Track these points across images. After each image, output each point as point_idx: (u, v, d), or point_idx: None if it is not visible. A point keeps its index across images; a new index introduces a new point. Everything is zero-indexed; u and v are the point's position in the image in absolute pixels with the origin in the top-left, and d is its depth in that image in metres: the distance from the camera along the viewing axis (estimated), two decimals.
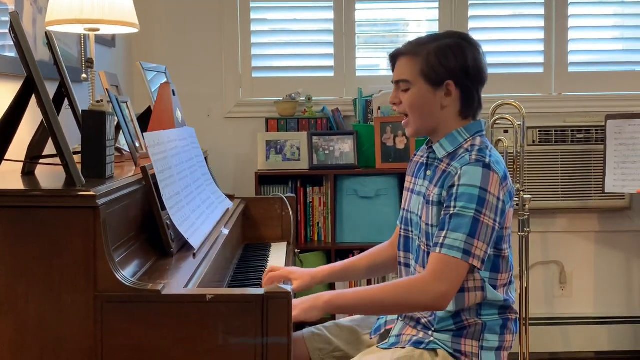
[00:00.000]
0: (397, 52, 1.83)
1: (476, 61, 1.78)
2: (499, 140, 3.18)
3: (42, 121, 1.68)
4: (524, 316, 3.11)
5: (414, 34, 3.65)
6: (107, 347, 1.41)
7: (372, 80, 3.57)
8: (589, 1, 3.66)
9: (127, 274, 1.46)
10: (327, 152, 3.40)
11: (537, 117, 3.46)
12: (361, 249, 2.11)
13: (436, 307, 1.69)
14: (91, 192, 1.40)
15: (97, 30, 2.24)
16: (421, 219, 1.80)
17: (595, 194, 3.44)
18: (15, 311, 1.40)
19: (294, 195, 3.01)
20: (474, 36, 1.86)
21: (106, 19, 2.13)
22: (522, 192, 3.08)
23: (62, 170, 1.51)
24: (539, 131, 3.44)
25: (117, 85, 2.47)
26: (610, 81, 3.63)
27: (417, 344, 1.76)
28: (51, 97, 1.57)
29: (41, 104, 1.52)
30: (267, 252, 2.49)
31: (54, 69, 1.77)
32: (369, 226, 3.34)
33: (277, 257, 2.43)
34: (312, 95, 3.51)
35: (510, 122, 3.12)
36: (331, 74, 3.64)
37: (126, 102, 2.33)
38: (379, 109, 3.40)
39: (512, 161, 3.19)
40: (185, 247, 1.81)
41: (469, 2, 3.59)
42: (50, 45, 1.78)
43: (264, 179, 3.38)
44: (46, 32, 1.84)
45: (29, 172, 1.77)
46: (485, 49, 1.85)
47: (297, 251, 2.80)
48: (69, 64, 2.48)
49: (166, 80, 2.73)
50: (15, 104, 1.62)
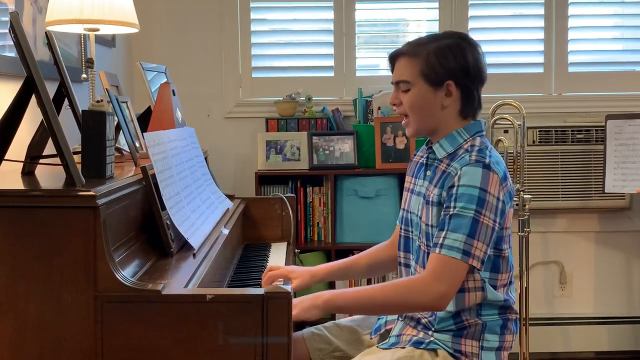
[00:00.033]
0: (397, 53, 1.83)
1: (476, 61, 1.78)
2: (499, 140, 3.17)
3: (42, 121, 1.68)
4: (524, 316, 3.11)
5: (414, 34, 3.65)
6: (107, 347, 1.41)
7: (372, 80, 3.57)
8: (589, 1, 3.66)
9: (127, 274, 1.46)
10: (327, 152, 3.40)
11: (537, 117, 3.46)
12: (361, 249, 2.11)
13: (435, 308, 1.69)
14: (91, 192, 1.40)
15: (97, 30, 2.24)
16: (421, 219, 1.80)
17: (595, 194, 3.44)
18: (15, 311, 1.40)
19: (294, 195, 3.01)
20: (474, 36, 1.86)
21: (106, 19, 2.13)
22: (522, 192, 3.08)
23: (62, 170, 1.51)
24: (539, 131, 3.44)
25: (117, 85, 2.47)
26: (610, 81, 3.63)
27: (417, 344, 1.76)
28: (51, 97, 1.57)
29: (41, 104, 1.52)
30: (267, 252, 2.49)
31: (54, 69, 1.77)
32: (369, 226, 3.34)
33: (277, 257, 2.43)
34: (312, 95, 3.51)
35: (510, 122, 3.12)
36: (331, 74, 3.64)
37: (126, 102, 2.33)
38: (379, 109, 3.40)
39: (512, 161, 3.19)
40: (185, 247, 1.82)
41: (469, 2, 3.59)
42: (50, 45, 1.79)
43: (264, 179, 3.38)
44: (46, 32, 1.84)
45: (29, 172, 1.77)
46: (485, 49, 1.85)
47: (297, 251, 2.80)
48: (69, 64, 2.48)
49: (166, 80, 2.74)
50: (15, 104, 1.62)
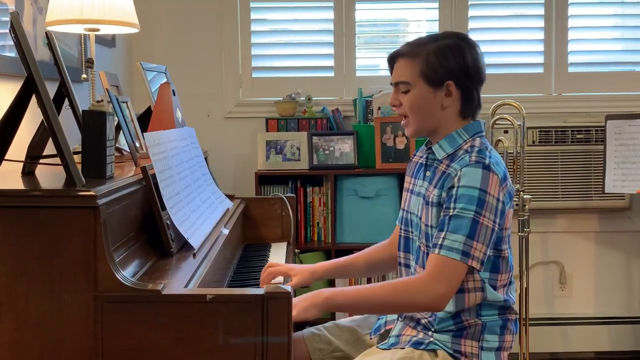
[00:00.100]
0: (396, 54, 1.83)
1: (475, 61, 1.78)
2: (499, 140, 3.17)
3: (42, 121, 1.68)
4: (524, 316, 3.11)
5: (414, 34, 3.65)
6: (107, 347, 1.41)
7: (372, 80, 3.57)
8: (589, 1, 3.66)
9: (127, 274, 1.46)
10: (327, 152, 3.40)
11: (537, 117, 3.46)
12: (361, 249, 2.11)
13: (434, 308, 1.69)
14: (91, 192, 1.40)
15: (97, 30, 2.24)
16: (421, 219, 1.80)
17: (595, 194, 3.44)
18: (15, 311, 1.40)
19: (294, 195, 3.00)
20: (473, 36, 1.86)
21: (106, 19, 2.13)
22: (522, 193, 3.08)
23: (62, 170, 1.51)
24: (539, 131, 3.44)
25: (117, 85, 2.47)
26: (610, 81, 3.63)
27: (417, 345, 1.76)
28: (51, 97, 1.57)
29: (41, 104, 1.52)
30: (267, 252, 2.49)
31: (54, 69, 1.77)
32: (369, 226, 3.34)
33: (277, 257, 2.43)
34: (312, 95, 3.51)
35: (510, 123, 3.12)
36: (331, 74, 3.64)
37: (126, 102, 2.33)
38: (379, 109, 3.40)
39: (512, 161, 3.19)
40: (185, 247, 1.82)
41: (469, 3, 3.59)
42: (50, 45, 1.79)
43: (264, 179, 3.38)
44: (46, 32, 1.84)
45: (29, 172, 1.77)
46: (485, 49, 1.86)
47: (297, 251, 2.80)
48: (69, 64, 2.48)
49: (166, 80, 2.74)
50: (15, 104, 1.62)
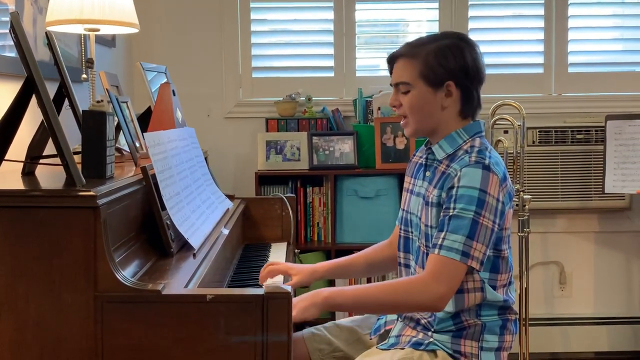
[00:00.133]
0: (395, 55, 1.83)
1: (475, 61, 1.78)
2: (499, 140, 3.17)
3: (42, 121, 1.68)
4: (524, 316, 3.11)
5: (414, 34, 3.65)
6: (107, 347, 1.41)
7: (372, 80, 3.57)
8: (589, 2, 3.66)
9: (127, 274, 1.46)
10: (327, 152, 3.40)
11: (537, 117, 3.46)
12: (361, 249, 2.11)
13: (434, 308, 1.69)
14: (91, 192, 1.40)
15: (97, 30, 2.24)
16: (420, 219, 1.80)
17: (595, 194, 3.44)
18: (15, 311, 1.41)
19: (294, 195, 3.00)
20: (473, 37, 1.86)
21: (106, 19, 2.13)
22: (522, 193, 3.08)
23: (62, 170, 1.51)
24: (539, 132, 3.44)
25: (117, 85, 2.47)
26: (610, 82, 3.63)
27: (417, 345, 1.76)
28: (51, 97, 1.57)
29: (41, 104, 1.52)
30: (267, 252, 2.49)
31: (54, 69, 1.77)
32: (369, 226, 3.34)
33: (277, 257, 2.43)
34: (312, 95, 3.51)
35: (510, 123, 3.12)
36: (331, 74, 3.64)
37: (126, 102, 2.33)
38: (379, 109, 3.40)
39: (512, 162, 3.19)
40: (185, 247, 1.82)
41: (469, 3, 3.59)
42: (50, 45, 1.79)
43: (264, 179, 3.38)
44: (46, 32, 1.84)
45: (29, 172, 1.77)
46: (485, 49, 1.86)
47: (297, 251, 2.80)
48: (69, 64, 2.48)
49: (166, 80, 2.74)
50: (15, 104, 1.62)
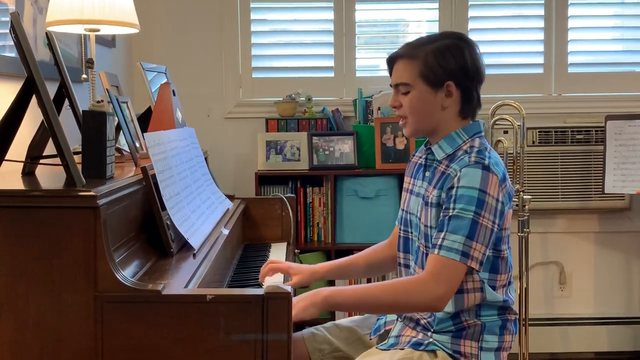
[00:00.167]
0: (395, 55, 1.83)
1: (474, 60, 1.78)
2: (499, 140, 3.17)
3: (42, 121, 1.68)
4: (524, 317, 3.11)
5: (414, 34, 3.65)
6: (107, 347, 1.41)
7: (372, 80, 3.57)
8: (589, 2, 3.66)
9: (127, 274, 1.46)
10: (327, 152, 3.40)
11: (537, 117, 3.46)
12: (361, 250, 2.11)
13: (433, 309, 1.69)
14: (91, 193, 1.40)
15: (97, 30, 2.24)
16: (420, 220, 1.80)
17: (595, 194, 3.44)
18: (15, 311, 1.41)
19: (294, 195, 3.00)
20: (473, 37, 1.86)
21: (106, 19, 2.13)
22: (521, 193, 3.08)
23: (63, 170, 1.51)
24: (539, 132, 3.44)
25: (117, 85, 2.47)
26: (610, 82, 3.63)
27: (416, 345, 1.76)
28: (51, 98, 1.57)
29: (42, 104, 1.52)
30: (267, 252, 2.49)
31: (54, 69, 1.77)
32: (369, 226, 3.34)
33: (277, 257, 2.43)
34: (312, 95, 3.51)
35: (510, 123, 3.12)
36: (331, 75, 3.64)
37: (126, 103, 2.33)
38: (379, 109, 3.40)
39: (512, 162, 3.19)
40: (185, 247, 1.82)
41: (469, 3, 3.59)
42: (50, 45, 1.79)
43: (264, 179, 3.38)
44: (47, 33, 1.85)
45: (29, 173, 1.78)
46: (485, 49, 1.86)
47: (297, 251, 2.80)
48: (69, 64, 2.48)
49: (166, 80, 2.74)
50: (15, 104, 1.62)
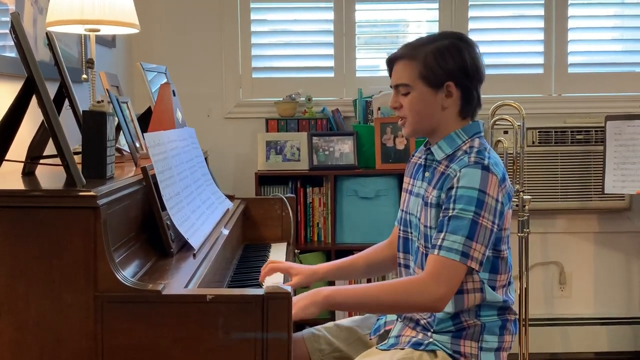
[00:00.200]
0: (394, 56, 1.83)
1: (474, 60, 1.78)
2: (499, 141, 3.17)
3: (42, 121, 1.68)
4: (524, 317, 3.12)
5: (414, 34, 3.65)
6: (107, 347, 1.41)
7: (372, 80, 3.57)
8: (589, 2, 3.66)
9: (127, 274, 1.46)
10: (327, 152, 3.40)
11: (537, 118, 3.46)
12: (361, 250, 2.11)
13: (433, 309, 1.69)
14: (92, 193, 1.40)
15: (97, 30, 2.24)
16: (420, 220, 1.80)
17: (594, 194, 3.44)
18: (15, 311, 1.41)
19: (293, 195, 3.00)
20: (474, 37, 1.86)
21: (106, 19, 2.13)
22: (521, 193, 3.08)
23: (63, 170, 1.51)
24: (539, 132, 3.44)
25: (117, 85, 2.47)
26: (610, 82, 3.63)
27: (416, 345, 1.76)
28: (52, 98, 1.57)
29: (42, 104, 1.52)
30: (267, 253, 2.49)
31: (54, 69, 1.77)
32: (369, 227, 3.34)
33: (277, 258, 2.43)
34: (312, 95, 3.52)
35: (510, 123, 3.12)
36: (331, 75, 3.64)
37: (126, 103, 2.34)
38: (379, 109, 3.40)
39: (511, 162, 3.19)
40: (185, 247, 1.82)
41: (469, 3, 3.59)
42: (50, 45, 1.79)
43: (264, 179, 3.38)
44: (47, 33, 1.85)
45: (29, 173, 1.78)
46: (485, 50, 1.86)
47: (297, 251, 2.80)
48: (70, 65, 2.48)
49: (166, 80, 2.74)
50: (15, 104, 1.62)
